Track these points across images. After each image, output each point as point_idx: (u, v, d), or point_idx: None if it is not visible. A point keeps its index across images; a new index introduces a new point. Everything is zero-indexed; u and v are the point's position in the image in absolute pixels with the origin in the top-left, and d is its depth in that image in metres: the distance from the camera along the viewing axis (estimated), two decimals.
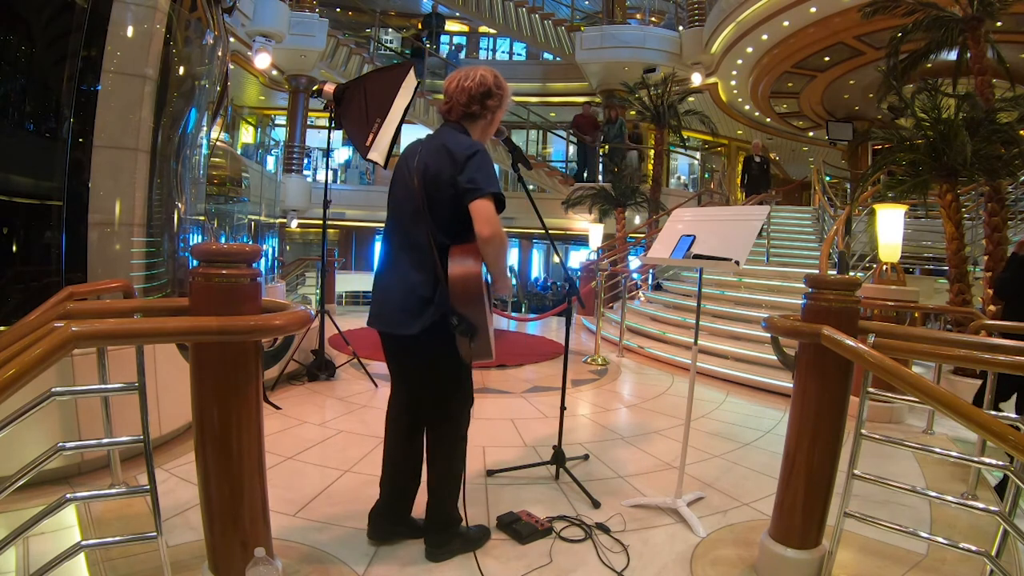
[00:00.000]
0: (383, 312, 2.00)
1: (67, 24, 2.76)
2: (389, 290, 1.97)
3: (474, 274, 1.82)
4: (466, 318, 1.81)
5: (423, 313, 1.88)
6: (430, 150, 1.93)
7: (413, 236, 1.92)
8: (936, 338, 2.07)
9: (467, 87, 1.97)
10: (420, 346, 1.92)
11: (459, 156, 1.86)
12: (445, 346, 1.89)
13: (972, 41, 5.12)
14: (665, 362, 5.76)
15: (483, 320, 1.83)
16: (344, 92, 4.07)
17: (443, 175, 1.86)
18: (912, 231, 6.57)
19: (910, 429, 3.81)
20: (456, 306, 1.81)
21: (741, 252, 2.31)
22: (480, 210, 1.81)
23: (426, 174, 1.89)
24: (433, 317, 1.87)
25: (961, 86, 5.30)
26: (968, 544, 1.70)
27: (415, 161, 1.92)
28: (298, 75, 11.70)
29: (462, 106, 1.98)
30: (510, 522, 2.27)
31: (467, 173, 1.83)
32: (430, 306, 1.88)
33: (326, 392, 4.17)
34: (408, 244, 1.94)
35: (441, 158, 1.88)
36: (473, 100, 1.97)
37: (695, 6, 11.31)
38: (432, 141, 1.97)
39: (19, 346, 1.26)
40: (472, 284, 1.81)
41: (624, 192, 9.74)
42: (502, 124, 2.16)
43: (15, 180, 2.76)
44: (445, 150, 1.89)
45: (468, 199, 1.82)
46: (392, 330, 1.97)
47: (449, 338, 1.87)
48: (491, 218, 1.81)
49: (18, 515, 1.70)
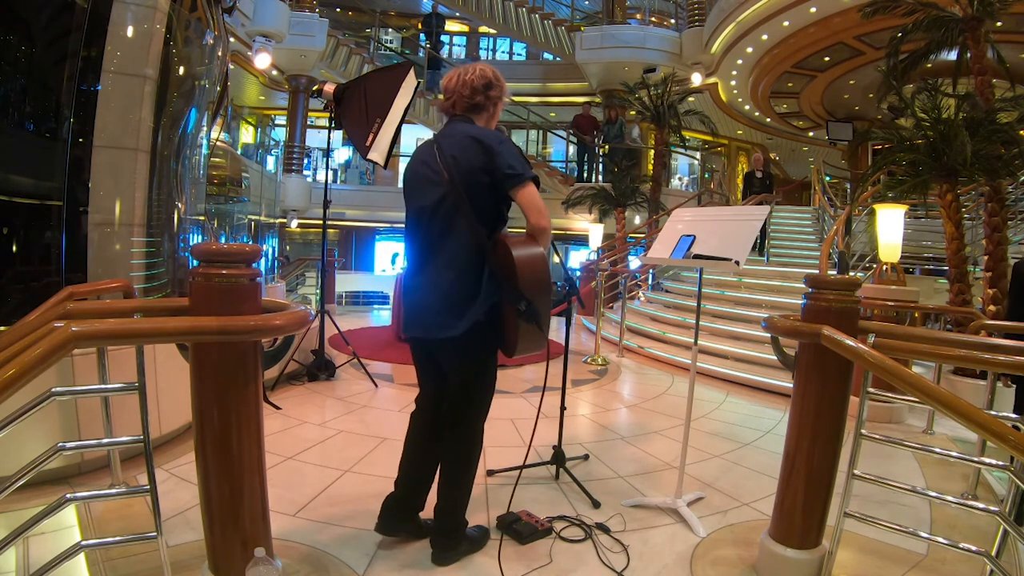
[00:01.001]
0: (421, 317, 1.95)
1: (67, 24, 2.76)
2: (423, 294, 1.94)
3: (541, 257, 1.81)
4: (533, 304, 1.78)
5: (467, 311, 1.85)
6: (454, 143, 1.89)
7: (446, 234, 1.88)
8: (936, 338, 2.07)
9: (468, 80, 1.97)
10: (462, 345, 1.89)
11: (490, 144, 1.84)
12: (486, 342, 1.91)
13: (972, 41, 5.12)
14: (665, 362, 5.76)
15: (548, 306, 1.84)
16: (344, 92, 4.07)
17: (476, 164, 1.84)
18: (912, 231, 6.57)
19: (910, 429, 3.81)
20: (525, 291, 1.77)
21: (741, 252, 2.31)
22: (531, 199, 1.82)
23: (458, 166, 1.85)
24: (478, 314, 1.85)
25: (961, 86, 5.30)
26: (968, 544, 1.70)
27: (438, 157, 1.88)
28: (298, 75, 11.70)
29: (466, 98, 1.97)
30: (510, 522, 2.26)
31: (503, 159, 1.82)
32: (474, 303, 1.85)
33: (326, 392, 4.17)
34: (439, 243, 1.90)
35: (470, 148, 1.86)
36: (476, 91, 1.97)
37: (695, 6, 11.31)
38: (452, 135, 1.93)
39: (19, 346, 1.26)
40: (540, 268, 1.80)
41: (624, 192, 9.74)
42: (501, 124, 2.16)
43: (15, 180, 2.76)
44: (473, 140, 1.87)
45: (510, 185, 1.82)
46: (434, 334, 1.92)
47: (491, 335, 1.89)
48: (543, 208, 1.84)
49: (18, 515, 1.70)
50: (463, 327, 1.85)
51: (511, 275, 1.79)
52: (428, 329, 1.94)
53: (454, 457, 2.03)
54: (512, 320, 1.83)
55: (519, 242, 1.83)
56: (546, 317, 1.83)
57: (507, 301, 1.83)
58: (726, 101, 13.09)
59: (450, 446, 2.03)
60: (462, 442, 2.03)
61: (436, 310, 1.89)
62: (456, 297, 1.86)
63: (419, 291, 1.95)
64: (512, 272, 1.78)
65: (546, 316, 1.83)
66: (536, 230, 1.83)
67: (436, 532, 2.05)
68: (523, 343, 1.84)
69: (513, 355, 1.91)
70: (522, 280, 1.77)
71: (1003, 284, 4.47)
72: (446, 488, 2.03)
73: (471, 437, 2.04)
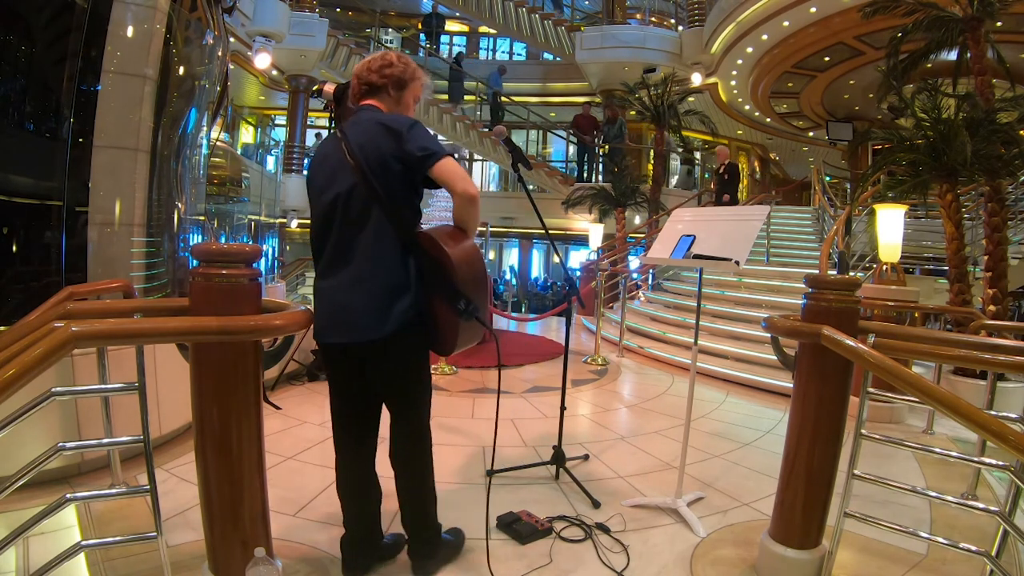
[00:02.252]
0: (341, 321, 1.75)
1: (67, 24, 2.76)
2: (343, 293, 1.74)
3: (475, 251, 1.73)
4: (473, 301, 1.69)
5: (396, 308, 1.72)
6: (359, 131, 1.75)
7: (361, 226, 1.72)
8: (936, 338, 2.07)
9: (366, 63, 1.88)
10: (390, 348, 1.75)
11: (398, 128, 1.72)
12: (418, 341, 1.81)
13: (972, 41, 5.12)
14: (665, 362, 5.76)
15: (486, 299, 1.77)
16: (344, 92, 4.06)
17: (385, 150, 1.70)
18: (912, 231, 6.56)
19: (910, 429, 3.81)
20: (464, 290, 1.67)
21: (741, 252, 2.31)
22: (452, 170, 1.70)
23: (365, 154, 1.70)
24: (409, 311, 1.73)
25: (961, 86, 5.30)
26: (968, 544, 1.70)
27: (344, 147, 1.74)
28: (298, 75, 11.70)
29: (362, 83, 1.86)
30: (510, 522, 2.27)
31: (415, 142, 1.70)
32: (402, 298, 1.72)
33: (326, 392, 4.12)
34: (356, 238, 1.73)
35: (377, 134, 1.72)
36: (372, 71, 1.85)
37: (695, 6, 11.31)
38: (357, 123, 1.79)
39: (19, 346, 1.26)
40: (477, 263, 1.72)
41: (624, 192, 9.74)
42: (502, 124, 2.14)
43: (15, 180, 2.76)
44: (380, 125, 1.74)
45: (428, 165, 1.69)
46: (358, 338, 1.73)
47: (421, 332, 1.79)
48: (466, 174, 1.74)
49: (18, 515, 1.69)
50: (391, 328, 1.71)
51: (447, 273, 1.68)
52: (355, 332, 1.73)
53: (411, 463, 1.92)
54: (448, 318, 1.74)
55: (448, 236, 1.72)
56: (484, 310, 1.75)
57: (444, 300, 1.72)
58: (726, 101, 13.09)
59: (404, 454, 1.91)
60: (415, 444, 1.92)
61: (362, 310, 1.72)
62: (383, 293, 1.71)
63: (338, 290, 1.75)
64: (449, 270, 1.68)
65: (485, 309, 1.75)
66: (466, 198, 1.71)
67: (413, 542, 1.95)
68: (462, 339, 1.76)
69: (450, 353, 1.83)
70: (460, 278, 1.68)
71: (1003, 284, 4.48)
72: (411, 496, 1.93)
73: (422, 436, 1.92)
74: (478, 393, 4.30)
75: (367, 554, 1.96)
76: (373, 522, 1.97)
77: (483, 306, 1.74)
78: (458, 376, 4.72)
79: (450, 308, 1.70)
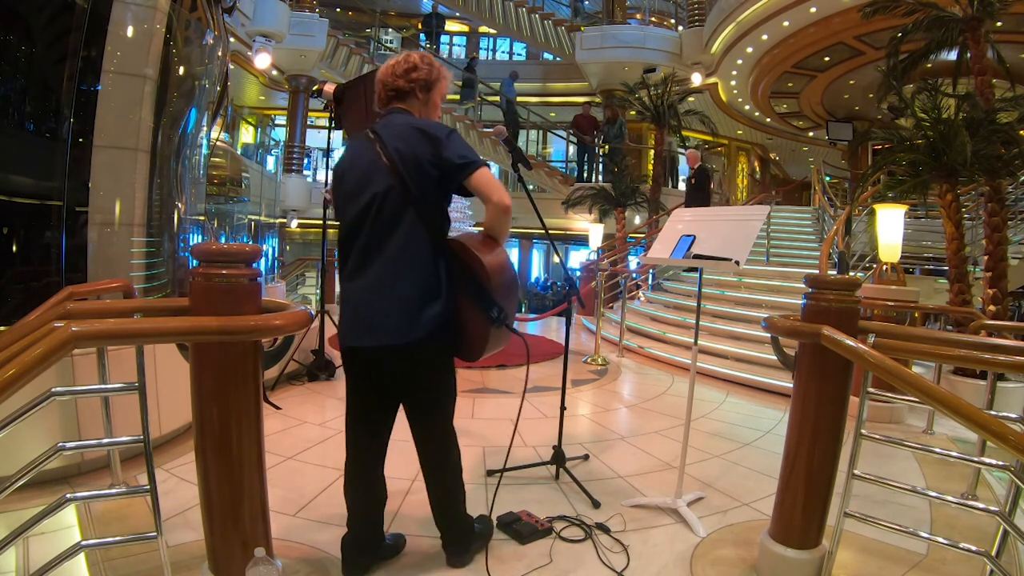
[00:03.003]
0: (367, 325, 1.75)
1: (67, 24, 2.76)
2: (372, 296, 1.74)
3: (507, 260, 1.78)
4: (504, 309, 1.73)
5: (421, 315, 1.72)
6: (395, 134, 1.76)
7: (393, 229, 1.72)
8: (936, 338, 2.07)
9: (392, 66, 1.88)
10: (416, 353, 1.76)
11: (437, 134, 1.74)
12: (445, 347, 1.84)
13: (972, 41, 5.12)
14: (665, 362, 5.76)
15: (515, 306, 1.81)
16: (344, 92, 4.06)
17: (422, 156, 1.72)
18: (912, 231, 6.56)
19: (910, 429, 3.81)
20: (497, 297, 1.71)
21: (741, 252, 2.31)
22: (488, 181, 1.73)
23: (404, 160, 1.72)
24: (440, 316, 1.74)
25: (961, 86, 5.30)
26: (968, 544, 1.70)
27: (380, 149, 1.74)
28: (298, 75, 11.70)
29: (389, 86, 1.86)
30: (510, 522, 2.27)
31: (453, 149, 1.72)
32: (434, 304, 1.73)
33: (326, 392, 4.16)
34: (387, 240, 1.73)
35: (415, 139, 1.74)
36: (397, 76, 1.85)
37: (695, 6, 11.32)
38: (391, 125, 1.80)
39: (19, 346, 1.26)
40: (509, 272, 1.77)
41: (624, 192, 9.74)
42: (502, 124, 2.15)
43: (15, 180, 2.76)
44: (418, 130, 1.75)
45: (466, 174, 1.72)
46: (387, 341, 1.73)
47: (448, 338, 1.81)
48: (501, 185, 1.77)
49: (18, 515, 1.70)
50: (422, 332, 1.72)
51: (481, 281, 1.71)
52: (384, 335, 1.73)
53: (441, 469, 1.95)
54: (477, 325, 1.77)
55: (482, 245, 1.75)
56: (513, 317, 1.79)
57: (475, 307, 1.74)
58: (726, 101, 13.09)
59: (433, 462, 1.94)
60: (443, 450, 1.95)
61: (391, 313, 1.72)
62: (414, 298, 1.72)
63: (367, 292, 1.74)
64: (483, 278, 1.71)
65: (513, 316, 1.79)
66: (500, 208, 1.74)
67: (447, 543, 2.00)
68: (490, 346, 1.80)
69: (476, 359, 1.85)
70: (493, 286, 1.71)
71: (1003, 284, 4.48)
72: (446, 498, 1.97)
73: (451, 443, 1.96)
74: (478, 393, 4.30)
75: (367, 554, 1.96)
76: (376, 522, 1.99)
77: (512, 313, 1.78)
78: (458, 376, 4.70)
79: (481, 315, 1.74)
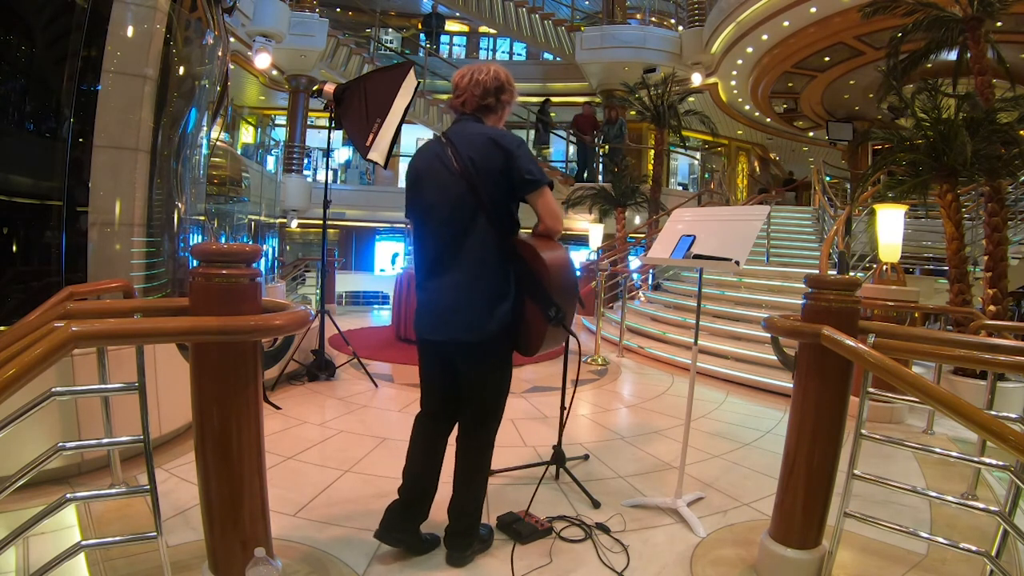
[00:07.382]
0: (444, 319, 1.89)
1: (67, 24, 2.76)
2: (447, 294, 1.88)
3: (568, 260, 1.85)
4: (562, 308, 1.80)
5: (496, 312, 1.84)
6: (469, 143, 1.86)
7: (467, 233, 1.84)
8: (936, 338, 2.07)
9: (481, 80, 1.96)
10: (488, 347, 1.89)
11: (510, 147, 1.84)
12: (508, 343, 1.93)
13: (972, 41, 5.11)
14: (665, 362, 5.76)
15: (574, 307, 1.87)
16: (344, 92, 4.07)
17: (494, 166, 1.83)
18: (912, 231, 6.56)
19: (910, 429, 3.81)
20: (556, 296, 1.79)
21: (741, 252, 2.31)
22: (548, 205, 1.86)
23: (475, 167, 1.83)
24: (507, 316, 1.85)
25: (961, 86, 5.30)
26: (968, 544, 1.70)
27: (453, 156, 1.85)
28: (298, 75, 11.69)
29: (477, 98, 1.96)
30: (510, 522, 2.26)
31: (522, 164, 1.83)
32: (502, 304, 1.85)
33: (326, 392, 4.17)
34: (461, 243, 1.85)
35: (489, 149, 1.84)
36: (488, 93, 1.96)
37: (695, 6, 11.31)
38: (466, 133, 1.90)
39: (19, 346, 1.26)
40: (570, 271, 1.84)
41: (624, 192, 9.73)
42: None
43: (15, 180, 2.76)
44: (492, 141, 1.85)
45: (528, 190, 1.84)
46: (460, 336, 1.87)
47: (512, 334, 1.90)
48: (559, 213, 1.90)
49: (18, 515, 1.70)
50: (493, 329, 1.84)
51: (542, 279, 1.80)
52: (454, 331, 1.88)
53: (474, 462, 2.03)
54: (537, 322, 1.85)
55: (544, 245, 1.84)
56: (571, 317, 1.87)
57: (537, 305, 1.83)
58: (726, 101, 13.09)
59: (471, 452, 2.03)
60: (482, 448, 2.04)
61: (464, 311, 1.85)
62: (485, 298, 1.84)
63: (441, 291, 1.89)
64: (544, 276, 1.79)
65: (572, 316, 1.87)
66: (551, 233, 1.88)
67: (453, 533, 2.03)
68: (546, 344, 1.88)
69: (533, 355, 1.93)
70: (553, 284, 1.79)
71: (1003, 284, 4.47)
72: (466, 491, 2.03)
73: (489, 443, 2.06)
74: None
75: (404, 524, 2.01)
76: (418, 498, 2.05)
77: (571, 313, 1.86)
78: None
79: (540, 313, 1.82)
